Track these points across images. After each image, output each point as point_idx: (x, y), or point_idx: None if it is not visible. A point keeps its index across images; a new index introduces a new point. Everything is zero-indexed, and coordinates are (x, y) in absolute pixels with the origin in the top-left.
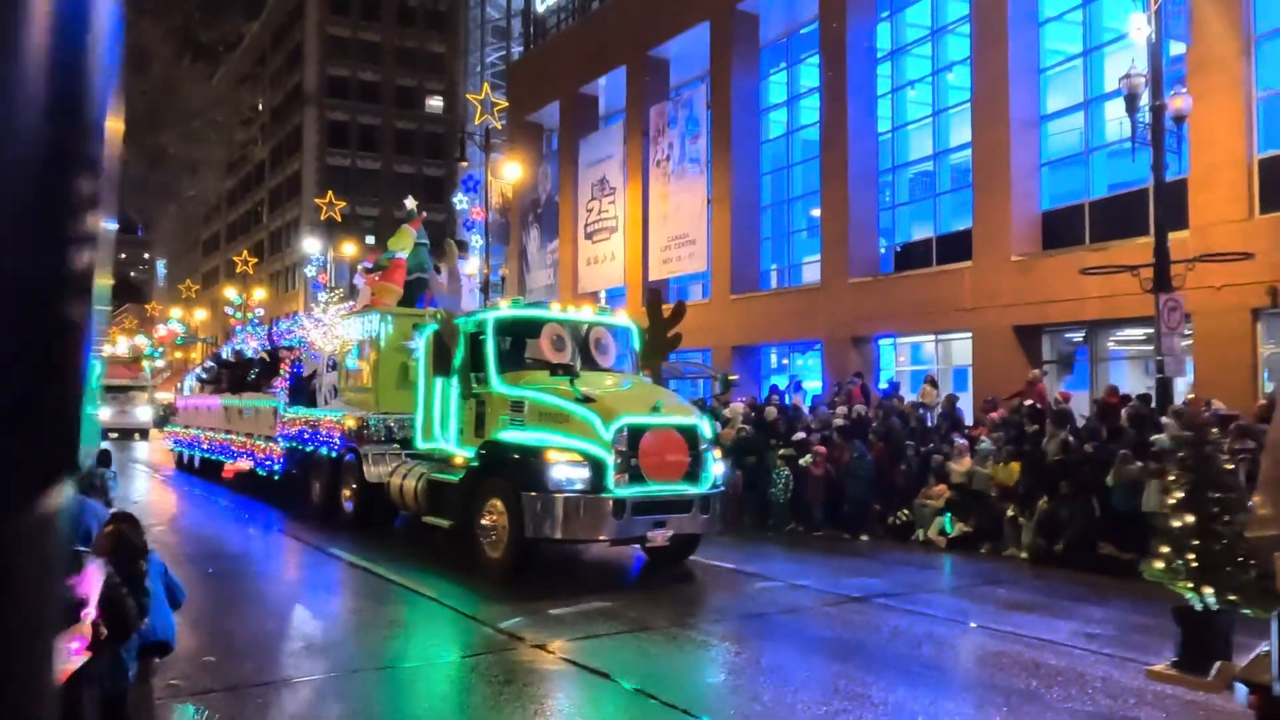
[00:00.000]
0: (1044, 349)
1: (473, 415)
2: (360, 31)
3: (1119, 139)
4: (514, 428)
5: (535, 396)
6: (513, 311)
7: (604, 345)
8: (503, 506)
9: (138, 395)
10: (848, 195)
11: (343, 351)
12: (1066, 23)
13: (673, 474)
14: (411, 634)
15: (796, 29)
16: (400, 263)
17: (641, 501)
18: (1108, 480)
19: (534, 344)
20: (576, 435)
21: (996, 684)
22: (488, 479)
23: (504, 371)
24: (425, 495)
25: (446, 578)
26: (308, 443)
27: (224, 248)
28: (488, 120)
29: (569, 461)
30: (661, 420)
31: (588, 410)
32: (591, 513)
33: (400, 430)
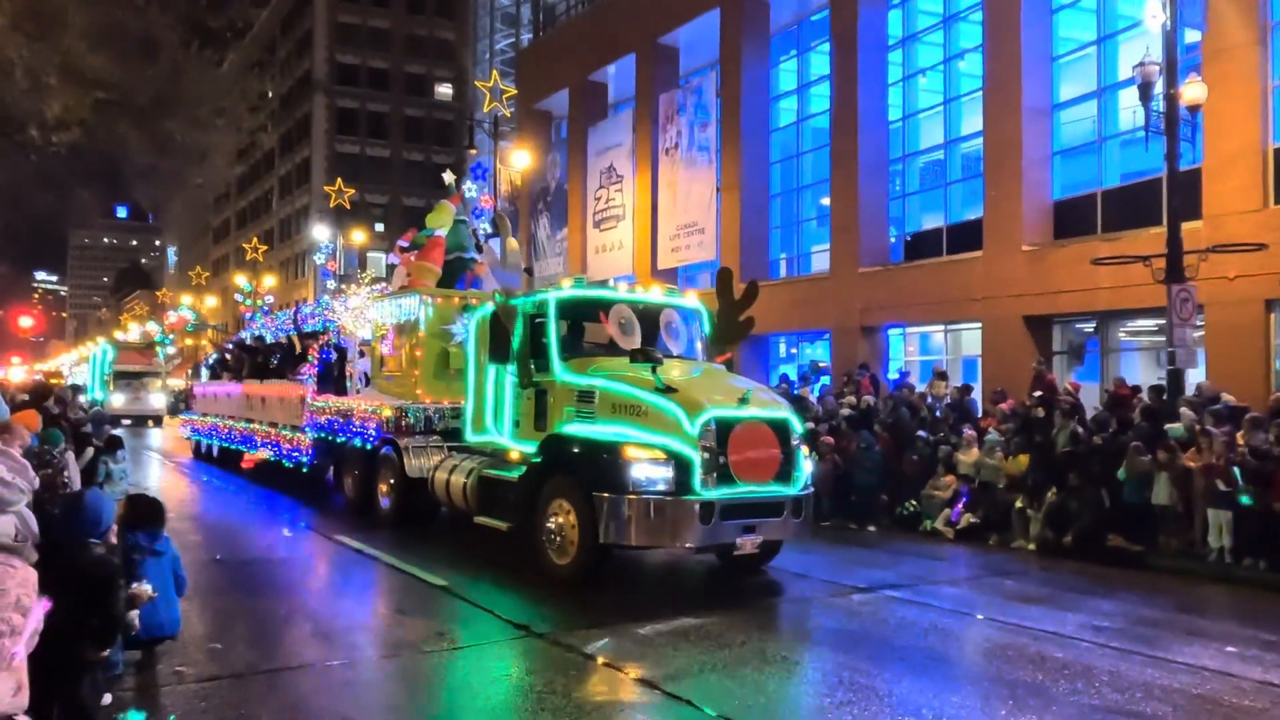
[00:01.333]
0: (1055, 339)
1: (531, 406)
2: (369, 18)
3: (1132, 128)
4: (581, 420)
5: (607, 386)
6: (577, 291)
7: (675, 329)
8: (570, 508)
9: (151, 381)
10: (858, 184)
11: (376, 336)
12: (1080, 10)
13: (764, 473)
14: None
15: (807, 15)
16: (439, 241)
17: (731, 504)
18: (1119, 473)
19: (593, 328)
20: (657, 430)
21: (1002, 677)
22: (552, 477)
23: (567, 358)
24: (477, 493)
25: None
26: (339, 433)
27: (234, 235)
28: (497, 108)
29: (650, 459)
30: (752, 413)
31: (670, 402)
32: (676, 517)
33: (441, 421)
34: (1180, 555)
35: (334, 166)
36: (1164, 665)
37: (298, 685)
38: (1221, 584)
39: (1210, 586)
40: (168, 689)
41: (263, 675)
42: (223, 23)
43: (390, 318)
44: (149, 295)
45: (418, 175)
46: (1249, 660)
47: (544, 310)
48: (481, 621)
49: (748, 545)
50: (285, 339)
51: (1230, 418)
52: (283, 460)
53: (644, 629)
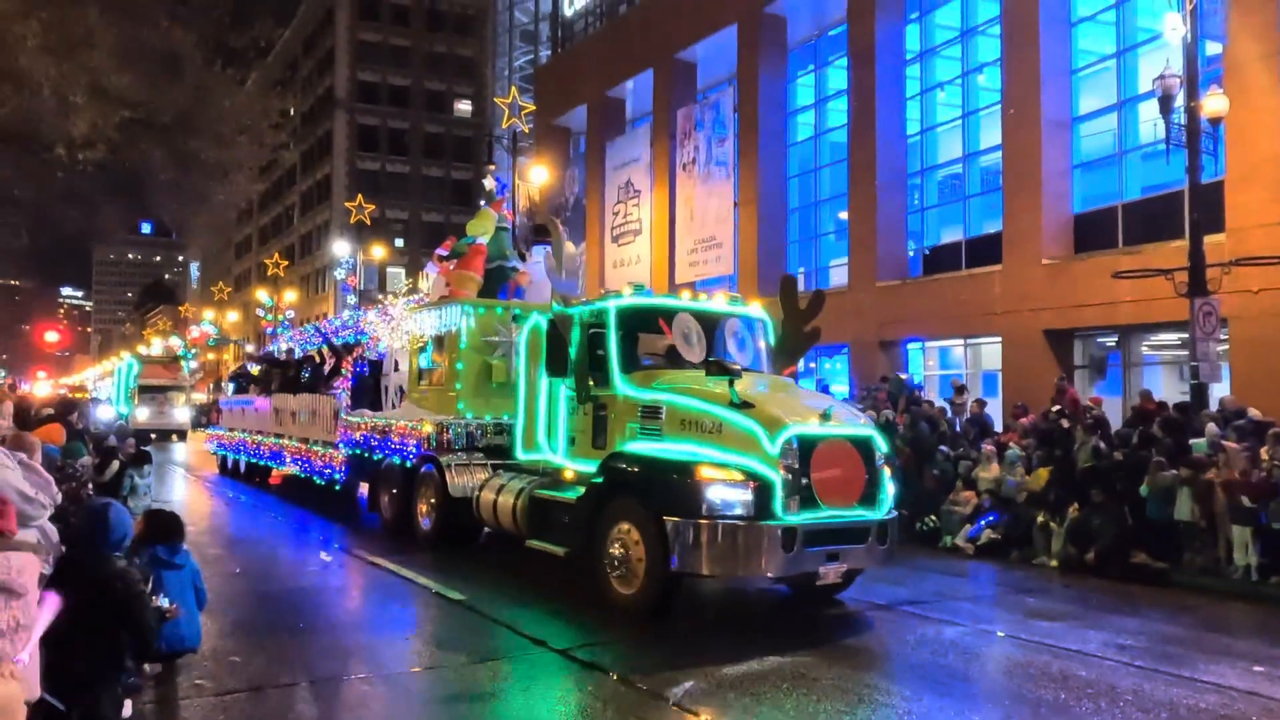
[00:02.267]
0: (1076, 354)
1: (589, 423)
2: (390, 36)
3: (1153, 140)
4: (645, 438)
5: (676, 401)
6: (639, 299)
7: (740, 340)
8: (638, 534)
9: (176, 396)
10: (876, 198)
11: (414, 348)
12: (1099, 23)
13: (848, 496)
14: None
15: (825, 30)
16: (480, 248)
17: (814, 530)
18: (1141, 488)
19: (650, 339)
20: (733, 449)
21: (1024, 695)
22: (615, 499)
23: (629, 371)
24: (528, 515)
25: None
26: (376, 450)
27: (255, 250)
28: (515, 124)
29: (727, 481)
30: (835, 431)
31: (748, 418)
32: (757, 544)
33: (483, 437)
34: (1205, 573)
35: (355, 182)
36: (1190, 685)
37: (318, 701)
38: (1248, 602)
39: (1236, 604)
40: (187, 701)
41: (281, 690)
42: (246, 42)
43: (429, 329)
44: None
45: (437, 191)
46: (1277, 680)
47: (603, 320)
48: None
49: (831, 574)
50: (316, 352)
51: (1254, 432)
52: (314, 477)
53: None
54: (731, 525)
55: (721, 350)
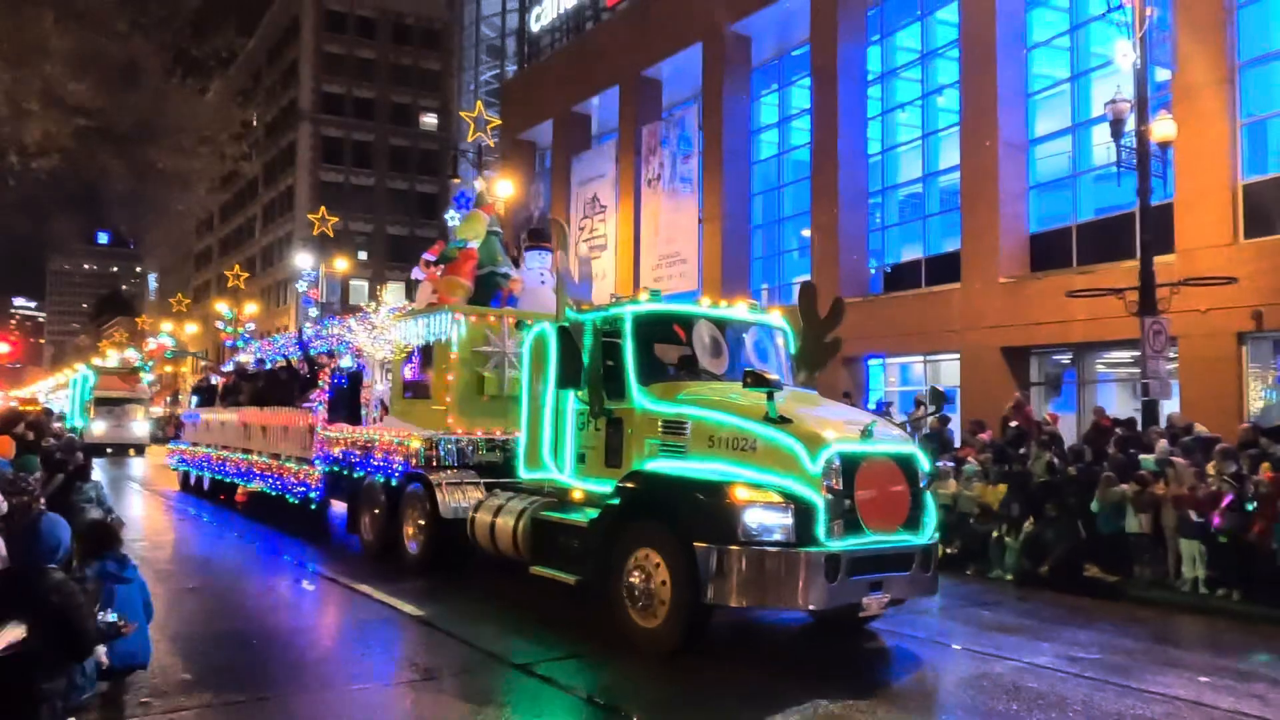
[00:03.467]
0: (1032, 370)
1: (602, 439)
2: (355, 49)
3: (1105, 163)
4: (667, 455)
5: (704, 415)
6: (656, 306)
7: (762, 350)
8: (662, 561)
9: (134, 409)
10: (838, 216)
11: (398, 359)
12: (1054, 48)
13: (893, 519)
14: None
15: (788, 51)
16: (471, 253)
17: (858, 557)
18: (1092, 504)
19: (662, 349)
20: (768, 467)
21: (977, 707)
22: (636, 523)
23: (647, 382)
24: (531, 539)
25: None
26: (357, 467)
27: (216, 262)
28: (481, 138)
29: (765, 503)
30: (879, 448)
31: (785, 434)
32: (798, 573)
33: (475, 454)
34: (1155, 585)
35: (318, 195)
36: (1138, 695)
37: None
38: (1196, 614)
39: (1185, 617)
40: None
41: (232, 707)
42: (207, 51)
43: (415, 338)
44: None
45: (402, 204)
46: (1221, 690)
47: (618, 327)
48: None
49: (874, 605)
50: (289, 362)
51: (1201, 448)
52: (286, 495)
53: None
54: (770, 552)
55: (743, 361)
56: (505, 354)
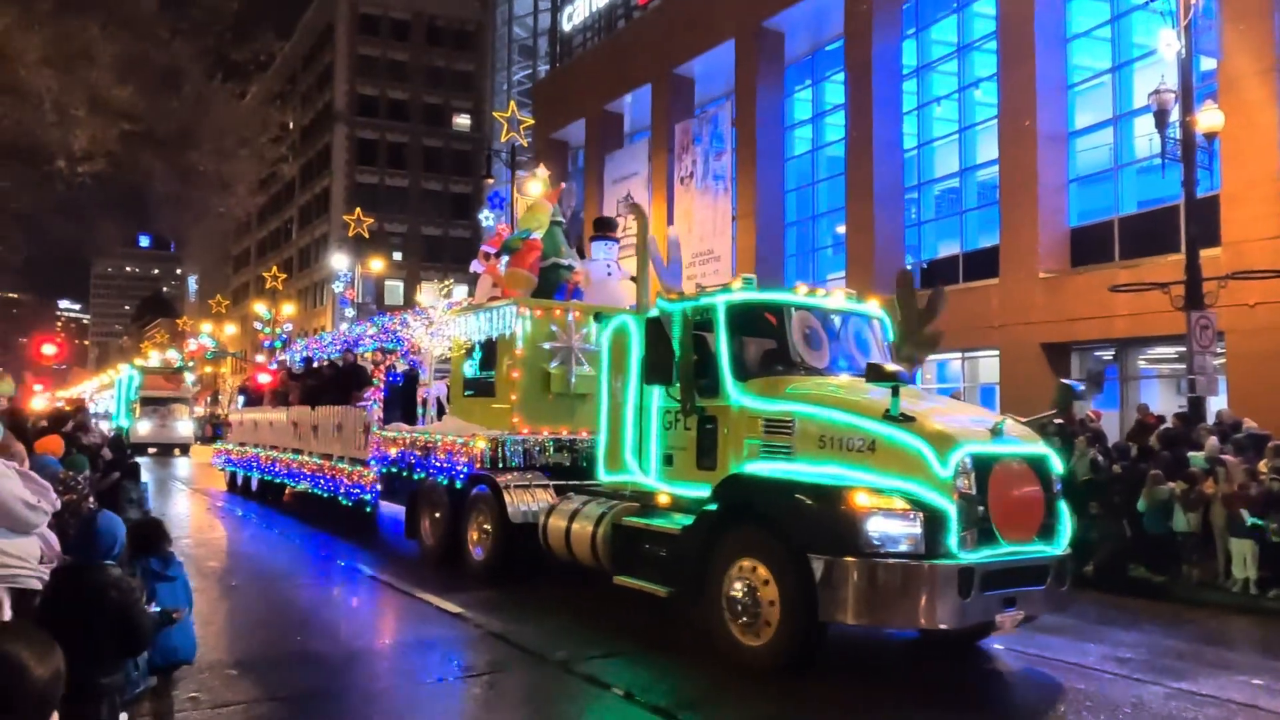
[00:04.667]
0: (1073, 367)
1: (692, 439)
2: (389, 51)
3: (1148, 155)
4: (770, 457)
5: (814, 413)
6: (751, 294)
7: (862, 342)
8: (769, 574)
9: (179, 408)
10: (873, 212)
11: (458, 356)
12: (1094, 39)
13: (1028, 528)
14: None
15: (822, 46)
16: (535, 244)
17: (992, 570)
18: (1139, 503)
19: (752, 340)
20: (890, 471)
21: (1023, 708)
22: (737, 531)
23: (744, 376)
24: (613, 546)
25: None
26: (417, 468)
27: (254, 264)
28: (514, 138)
29: (891, 511)
30: (1012, 449)
31: (910, 434)
32: (928, 588)
33: (542, 455)
34: (1204, 586)
35: (353, 196)
36: (1189, 697)
37: (317, 715)
38: (1247, 615)
39: (1236, 618)
40: (183, 715)
41: (278, 703)
42: (246, 55)
43: (477, 333)
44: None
45: (435, 205)
46: (1277, 694)
47: (710, 318)
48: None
49: (1007, 623)
50: (341, 360)
51: (1252, 445)
52: (339, 497)
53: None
54: (896, 565)
55: (845, 354)
56: (572, 349)
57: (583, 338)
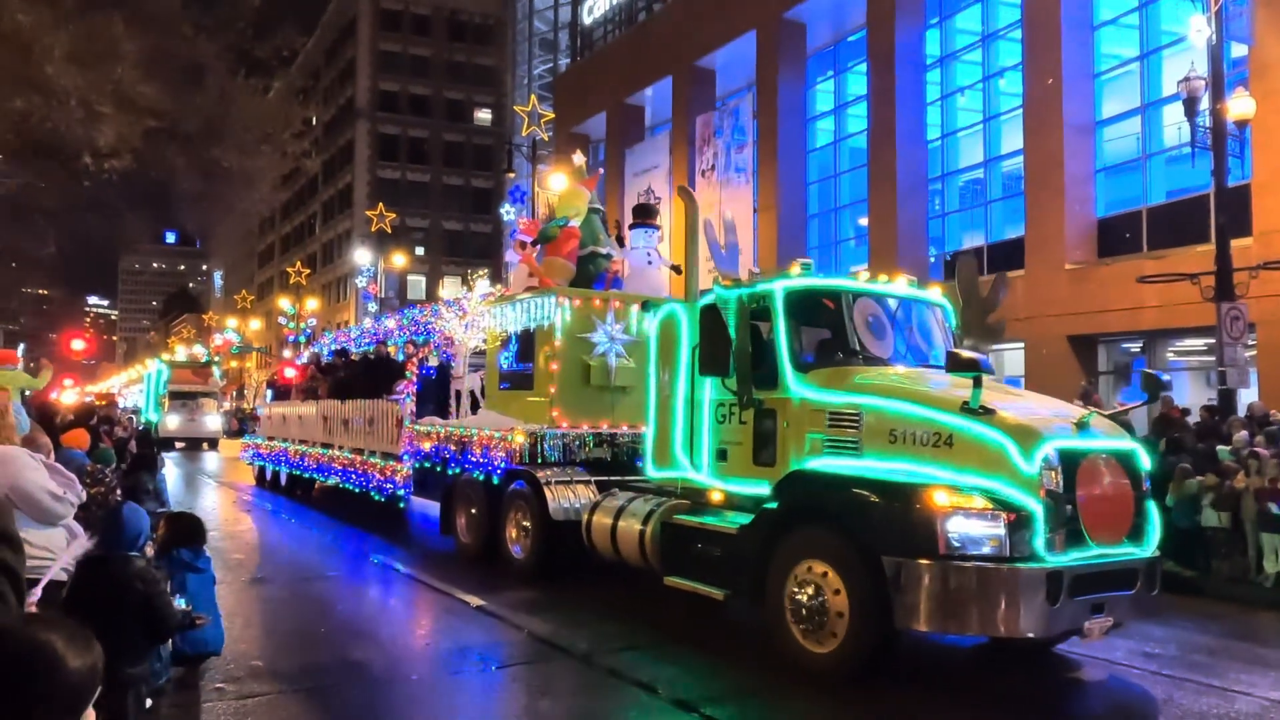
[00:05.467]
0: (1100, 359)
1: (748, 432)
2: (411, 46)
3: (1177, 144)
4: (837, 453)
5: (885, 406)
6: (812, 280)
7: (926, 331)
8: (837, 576)
9: (207, 403)
10: (896, 203)
11: (493, 347)
12: (1122, 26)
13: (1118, 529)
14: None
15: (844, 36)
16: (573, 231)
17: (1081, 574)
18: (1167, 497)
19: (815, 330)
20: (970, 467)
21: (1050, 704)
22: (800, 530)
23: (805, 367)
24: (662, 546)
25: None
26: (452, 463)
27: (278, 259)
28: (535, 132)
29: (972, 510)
30: (1100, 444)
31: (990, 427)
32: (1012, 593)
33: (582, 449)
34: (1234, 581)
35: (375, 191)
36: (1220, 694)
37: (341, 705)
38: (1278, 611)
39: (1267, 614)
40: (209, 705)
41: (303, 693)
42: (269, 51)
43: (514, 324)
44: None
45: (457, 199)
46: None
47: (768, 305)
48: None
49: (1095, 630)
50: (372, 353)
51: None
52: (370, 492)
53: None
54: (979, 569)
55: (906, 343)
56: (612, 340)
57: (623, 328)
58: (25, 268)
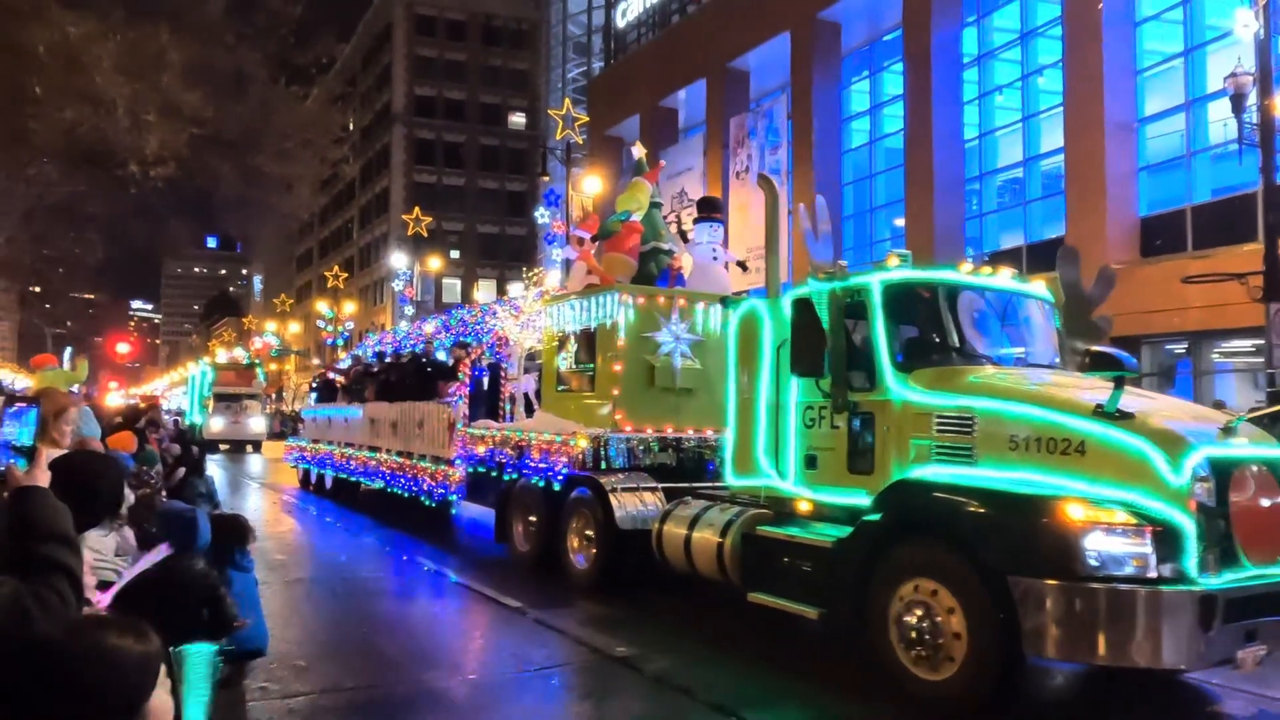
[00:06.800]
0: (1143, 361)
1: (841, 438)
2: (446, 51)
3: (1223, 141)
4: (947, 461)
5: (1001, 409)
6: (912, 273)
7: (1033, 328)
8: (951, 597)
9: (251, 404)
10: (933, 204)
11: (549, 347)
12: (1165, 22)
13: (1275, 546)
14: None
15: (879, 36)
16: (635, 226)
17: (1236, 597)
18: None
19: (913, 326)
20: (1105, 478)
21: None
22: (908, 545)
23: (905, 368)
24: (744, 559)
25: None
26: (508, 469)
27: (316, 263)
28: (569, 135)
29: (1113, 526)
30: (1254, 452)
31: (1130, 434)
32: (1163, 619)
33: (647, 454)
34: None
35: (412, 195)
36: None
37: (386, 706)
38: None
39: None
40: (255, 704)
41: (347, 693)
42: (308, 59)
43: (573, 324)
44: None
45: (492, 203)
46: None
47: (863, 299)
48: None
49: (1248, 660)
50: (422, 355)
51: None
52: (420, 497)
53: None
54: (1123, 591)
55: (1012, 340)
56: (677, 340)
57: (688, 327)
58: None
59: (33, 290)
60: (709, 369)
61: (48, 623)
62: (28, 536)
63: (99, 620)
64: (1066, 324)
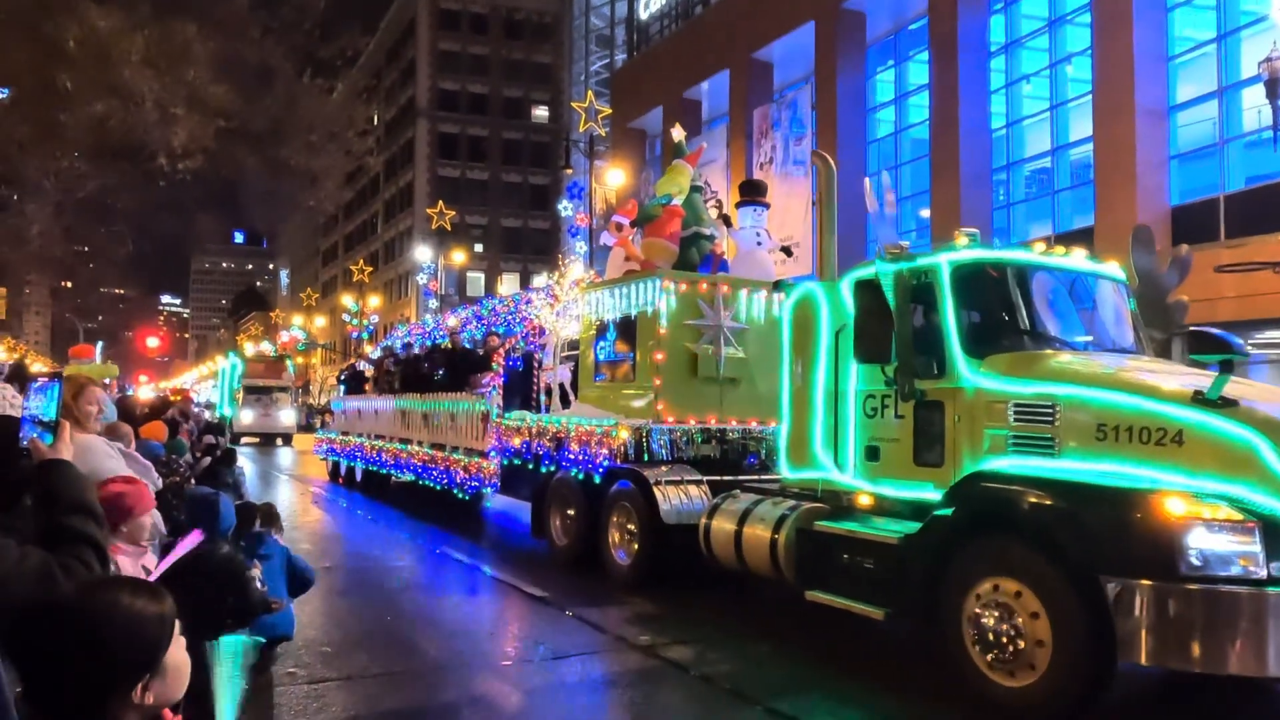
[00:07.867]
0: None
1: (906, 428)
2: (469, 45)
3: (1257, 128)
4: (1025, 452)
5: (1088, 396)
6: (983, 253)
7: (1109, 311)
8: (1034, 598)
9: (280, 397)
10: (959, 194)
11: (586, 336)
12: (1197, 7)
13: None
14: None
15: (905, 25)
16: (676, 210)
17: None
18: None
19: (983, 310)
20: (1203, 470)
21: None
22: (982, 543)
23: (977, 353)
24: (799, 555)
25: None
26: (545, 461)
27: (341, 257)
28: (592, 128)
29: (1217, 522)
30: None
31: (1235, 422)
32: (1270, 623)
33: (690, 446)
34: None
35: (435, 189)
36: None
37: (411, 691)
38: None
39: None
40: (281, 689)
41: (373, 679)
42: (333, 52)
43: (612, 311)
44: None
45: (515, 197)
46: None
47: (931, 281)
48: None
49: None
50: (452, 345)
51: None
52: (454, 490)
53: None
54: (1232, 593)
55: (1088, 325)
56: (720, 328)
57: (732, 315)
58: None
59: (64, 285)
60: (753, 358)
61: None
62: (54, 509)
63: (114, 580)
64: (1140, 309)
